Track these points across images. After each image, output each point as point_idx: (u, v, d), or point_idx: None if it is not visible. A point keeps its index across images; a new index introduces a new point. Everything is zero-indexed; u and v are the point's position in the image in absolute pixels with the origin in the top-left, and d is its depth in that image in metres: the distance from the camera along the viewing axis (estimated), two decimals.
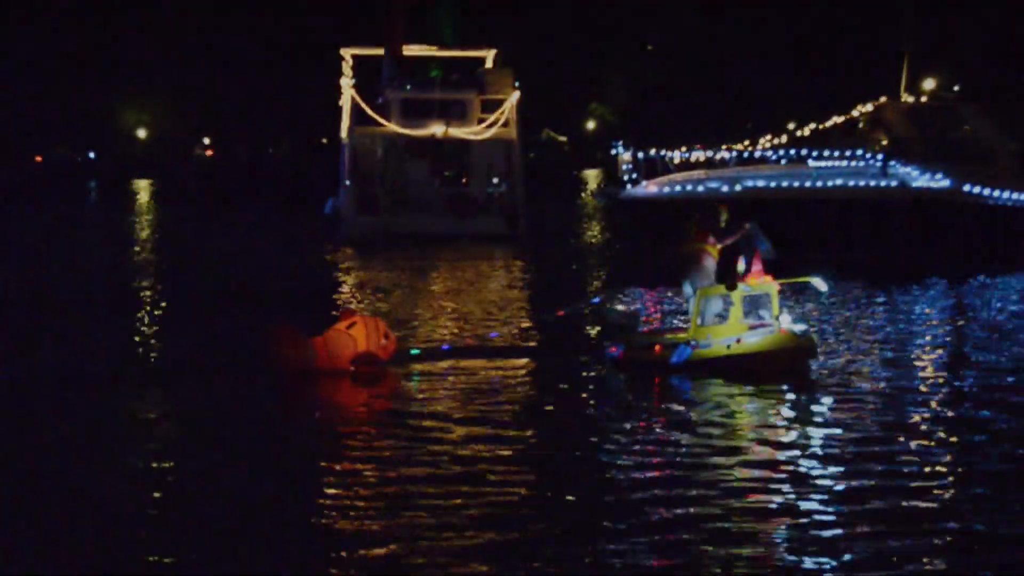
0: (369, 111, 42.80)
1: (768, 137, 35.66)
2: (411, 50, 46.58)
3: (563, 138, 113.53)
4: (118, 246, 40.74)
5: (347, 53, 48.09)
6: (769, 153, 34.53)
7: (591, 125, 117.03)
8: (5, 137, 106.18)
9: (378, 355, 18.00)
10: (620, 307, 19.10)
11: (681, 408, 15.97)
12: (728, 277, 17.73)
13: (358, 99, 42.99)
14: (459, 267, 33.29)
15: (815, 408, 15.93)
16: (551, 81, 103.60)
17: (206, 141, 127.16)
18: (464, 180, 44.36)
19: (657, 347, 17.79)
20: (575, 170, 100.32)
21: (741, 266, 17.77)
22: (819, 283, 18.28)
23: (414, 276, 31.26)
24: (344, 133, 45.05)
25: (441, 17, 51.39)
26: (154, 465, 13.04)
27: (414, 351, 19.12)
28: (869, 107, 36.02)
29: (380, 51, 47.13)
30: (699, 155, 34.37)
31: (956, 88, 41.26)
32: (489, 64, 47.25)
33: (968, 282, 28.74)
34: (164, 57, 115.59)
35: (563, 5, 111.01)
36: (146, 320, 23.49)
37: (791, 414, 15.66)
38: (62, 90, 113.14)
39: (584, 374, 18.05)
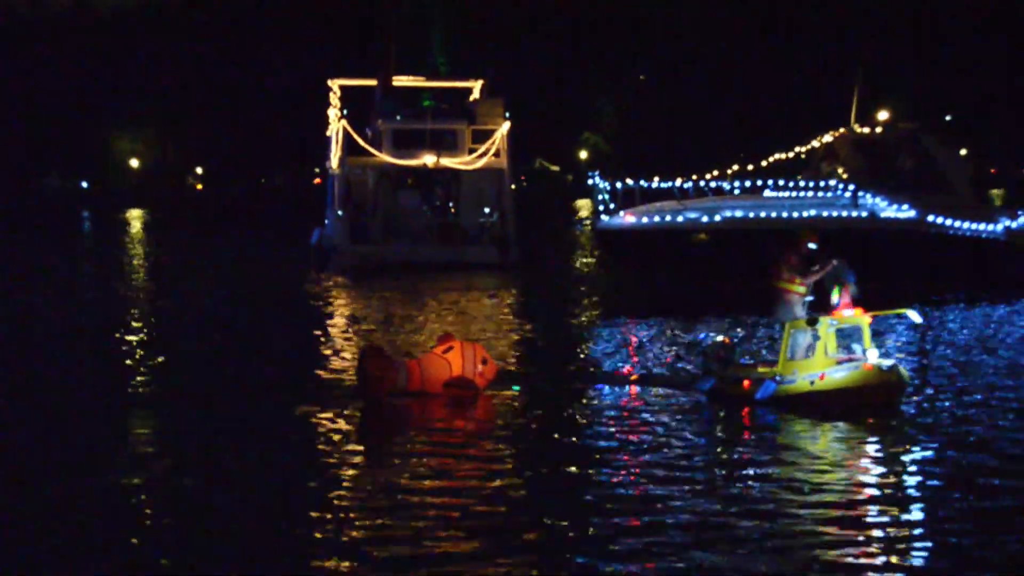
0: (361, 142, 43.01)
1: (734, 167, 35.51)
2: (400, 81, 46.85)
3: (556, 167, 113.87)
4: (111, 277, 40.83)
5: (335, 84, 48.50)
6: (724, 184, 34.18)
7: (584, 154, 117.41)
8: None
9: (472, 380, 17.93)
10: (720, 338, 18.49)
11: (746, 447, 15.64)
12: (810, 312, 17.50)
13: (350, 129, 43.19)
14: (452, 295, 33.35)
15: (897, 448, 15.39)
16: (544, 110, 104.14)
17: (199, 171, 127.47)
18: (453, 209, 44.52)
19: (746, 382, 17.52)
20: (568, 199, 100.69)
21: (835, 299, 17.42)
22: (914, 315, 17.91)
23: (408, 305, 31.34)
24: (335, 163, 45.29)
25: (435, 47, 51.63)
26: (149, 479, 13.16)
27: (515, 387, 18.93)
28: (828, 138, 36.00)
29: (368, 82, 47.38)
30: (657, 185, 33.67)
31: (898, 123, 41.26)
32: (476, 94, 47.56)
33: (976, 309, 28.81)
34: (158, 87, 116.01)
35: (555, 35, 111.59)
36: (136, 351, 23.51)
37: (874, 452, 15.29)
38: (56, 119, 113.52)
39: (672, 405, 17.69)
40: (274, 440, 15.77)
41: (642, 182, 33.08)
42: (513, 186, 44.71)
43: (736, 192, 33.79)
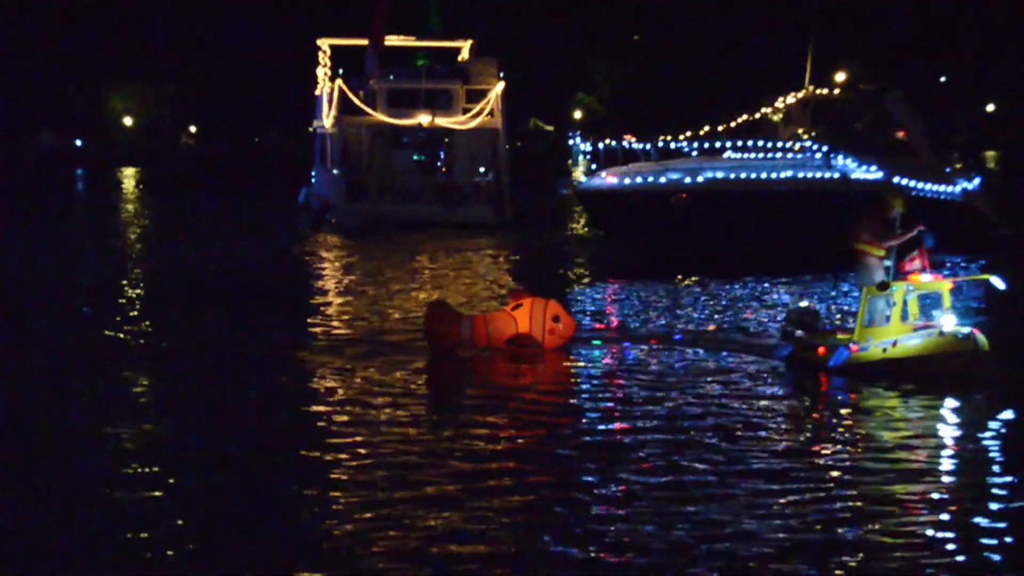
0: (356, 101, 43.12)
1: (705, 128, 34.85)
2: (390, 40, 46.92)
3: (550, 127, 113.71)
4: (104, 235, 40.96)
5: (324, 43, 48.83)
6: (683, 146, 33.63)
7: (578, 114, 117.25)
8: None
9: (536, 338, 17.84)
10: (804, 303, 17.89)
11: (808, 418, 15.08)
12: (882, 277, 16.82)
13: (345, 89, 43.30)
14: (448, 254, 33.52)
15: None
16: (538, 70, 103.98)
17: (192, 129, 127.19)
18: (443, 168, 44.74)
19: (821, 348, 16.98)
20: (563, 159, 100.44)
21: (913, 264, 16.67)
22: (996, 281, 17.14)
23: (405, 261, 31.52)
24: (327, 122, 45.56)
25: (430, 6, 51.65)
26: (149, 459, 13.32)
27: (596, 341, 18.91)
28: (791, 99, 35.84)
29: (357, 41, 47.43)
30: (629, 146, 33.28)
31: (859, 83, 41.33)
32: (466, 55, 47.82)
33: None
34: (152, 44, 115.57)
35: None
36: (131, 313, 23.64)
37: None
38: (49, 76, 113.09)
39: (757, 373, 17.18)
40: (279, 396, 15.99)
41: (625, 143, 32.76)
42: (508, 146, 44.88)
43: (694, 154, 33.29)
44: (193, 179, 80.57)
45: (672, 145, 33.62)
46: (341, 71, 44.93)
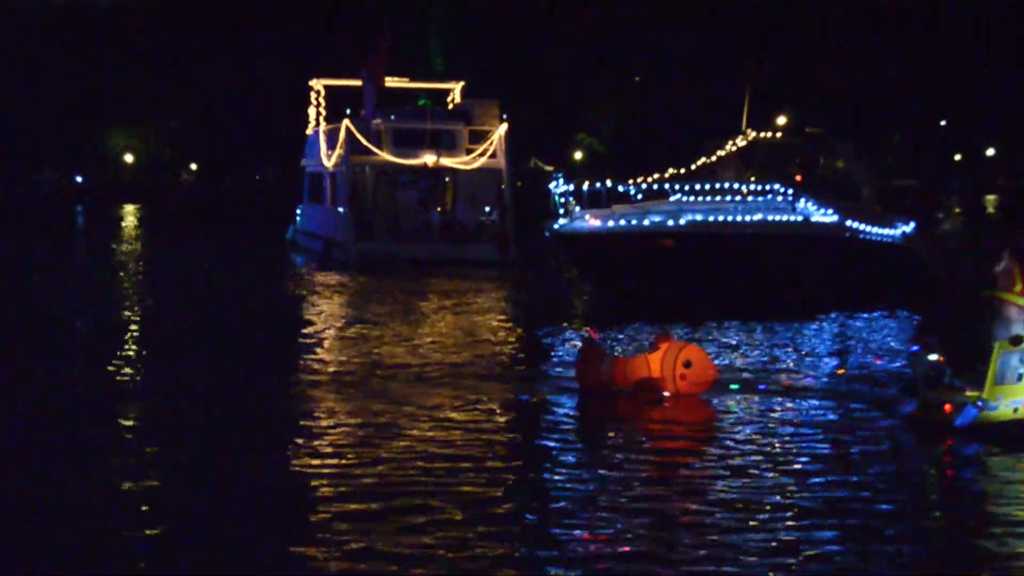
0: (364, 141, 43.77)
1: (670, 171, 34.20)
2: (388, 82, 48.02)
3: (550, 167, 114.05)
4: (104, 273, 40.90)
5: (318, 84, 50.32)
6: (631, 189, 32.83)
7: (579, 155, 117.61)
8: None
9: (665, 383, 17.54)
10: (934, 356, 16.40)
11: (933, 479, 14.43)
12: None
13: (352, 128, 43.93)
14: (453, 292, 33.49)
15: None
16: (540, 110, 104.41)
17: (193, 167, 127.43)
18: (439, 208, 45.50)
19: (947, 406, 15.78)
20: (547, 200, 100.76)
21: None
22: None
23: (413, 301, 31.47)
24: (330, 161, 46.19)
25: (431, 47, 52.58)
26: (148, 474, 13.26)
27: (733, 386, 18.42)
28: (741, 142, 35.72)
29: (351, 82, 48.36)
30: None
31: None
32: (457, 96, 49.48)
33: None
34: (153, 82, 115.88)
35: (552, 35, 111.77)
36: (130, 350, 23.55)
37: None
38: (51, 114, 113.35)
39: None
40: (283, 432, 15.89)
41: (609, 183, 32.09)
42: (519, 183, 45.83)
43: (639, 197, 32.69)
44: (192, 216, 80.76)
45: (621, 188, 32.79)
46: (348, 111, 45.61)
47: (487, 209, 44.58)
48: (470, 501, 12.62)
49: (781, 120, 42.40)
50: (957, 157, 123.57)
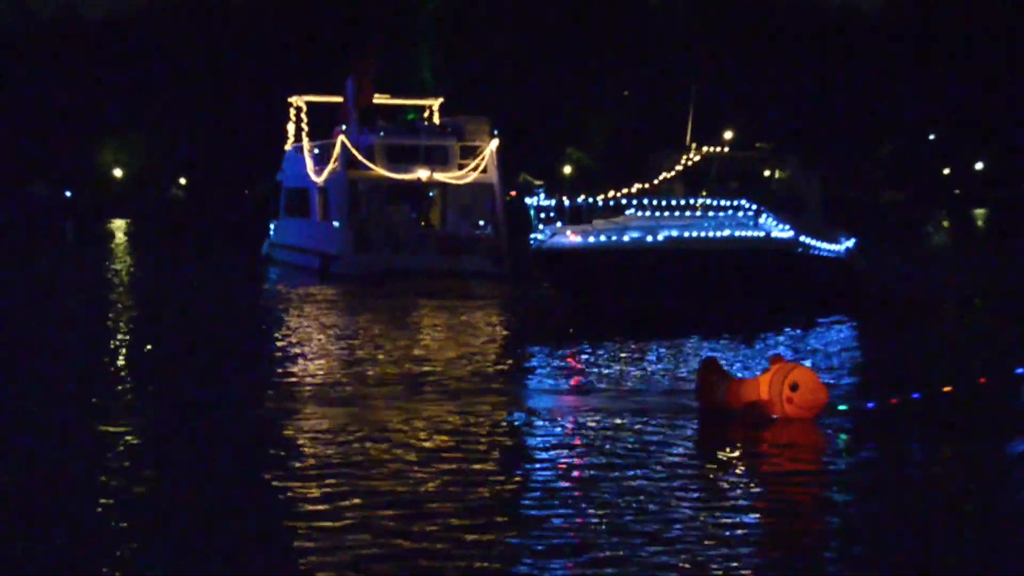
0: (359, 156, 44.57)
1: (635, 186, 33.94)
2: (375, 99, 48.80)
3: (539, 181, 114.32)
4: (93, 287, 40.97)
5: (300, 101, 51.11)
6: (588, 201, 32.09)
7: (568, 169, 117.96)
8: None
9: (770, 407, 16.95)
10: None
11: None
12: None
13: (348, 144, 44.51)
14: (450, 310, 33.57)
15: None
16: (529, 125, 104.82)
17: (182, 182, 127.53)
18: (423, 223, 46.67)
19: None
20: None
21: None
22: None
23: (412, 314, 31.53)
24: (320, 177, 46.81)
25: (422, 61, 53.34)
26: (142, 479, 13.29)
27: (841, 407, 17.67)
28: (695, 156, 35.68)
29: (332, 99, 49.34)
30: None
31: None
32: (436, 114, 50.80)
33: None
34: (142, 97, 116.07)
35: (541, 51, 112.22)
36: (118, 366, 23.54)
37: None
38: (41, 128, 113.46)
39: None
40: (276, 446, 15.90)
41: (590, 199, 31.82)
42: (511, 193, 46.67)
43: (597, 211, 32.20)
44: (180, 231, 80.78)
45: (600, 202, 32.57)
46: (344, 127, 46.12)
47: (481, 223, 45.48)
48: (464, 510, 12.67)
49: (728, 135, 42.58)
50: (946, 171, 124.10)
